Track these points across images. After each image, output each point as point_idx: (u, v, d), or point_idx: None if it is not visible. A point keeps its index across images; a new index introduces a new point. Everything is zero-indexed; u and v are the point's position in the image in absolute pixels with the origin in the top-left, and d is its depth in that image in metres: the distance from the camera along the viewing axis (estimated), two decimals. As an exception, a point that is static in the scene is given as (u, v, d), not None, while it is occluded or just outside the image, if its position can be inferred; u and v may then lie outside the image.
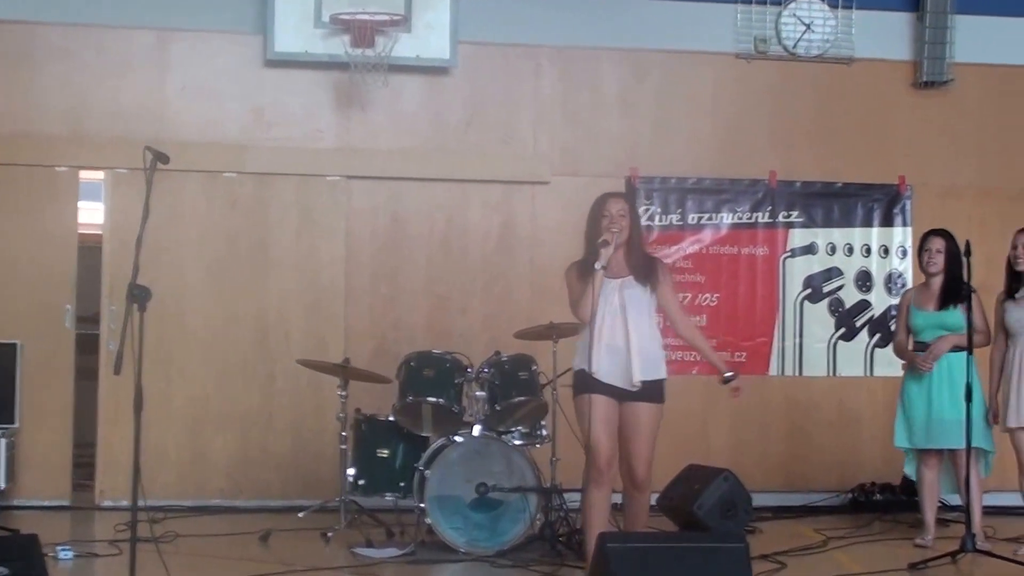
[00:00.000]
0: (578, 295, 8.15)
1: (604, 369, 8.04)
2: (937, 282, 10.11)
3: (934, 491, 10.24)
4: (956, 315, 9.88)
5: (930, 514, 10.20)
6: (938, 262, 10.07)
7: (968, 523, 9.42)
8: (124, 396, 8.34)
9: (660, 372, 8.19)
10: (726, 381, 8.41)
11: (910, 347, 10.27)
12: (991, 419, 10.02)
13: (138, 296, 6.98)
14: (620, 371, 8.05)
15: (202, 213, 11.87)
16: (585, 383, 8.11)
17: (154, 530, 8.44)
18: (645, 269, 8.24)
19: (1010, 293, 9.97)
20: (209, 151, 11.79)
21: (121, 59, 11.85)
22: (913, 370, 10.15)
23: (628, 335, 8.05)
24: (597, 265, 8.04)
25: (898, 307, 10.65)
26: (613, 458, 8.13)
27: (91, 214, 12.03)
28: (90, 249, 11.89)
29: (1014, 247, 9.92)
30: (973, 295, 9.82)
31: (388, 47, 11.49)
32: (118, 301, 10.69)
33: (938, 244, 10.11)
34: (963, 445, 9.48)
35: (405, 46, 11.64)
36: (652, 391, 8.13)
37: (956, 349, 9.86)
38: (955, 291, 9.91)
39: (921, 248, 10.25)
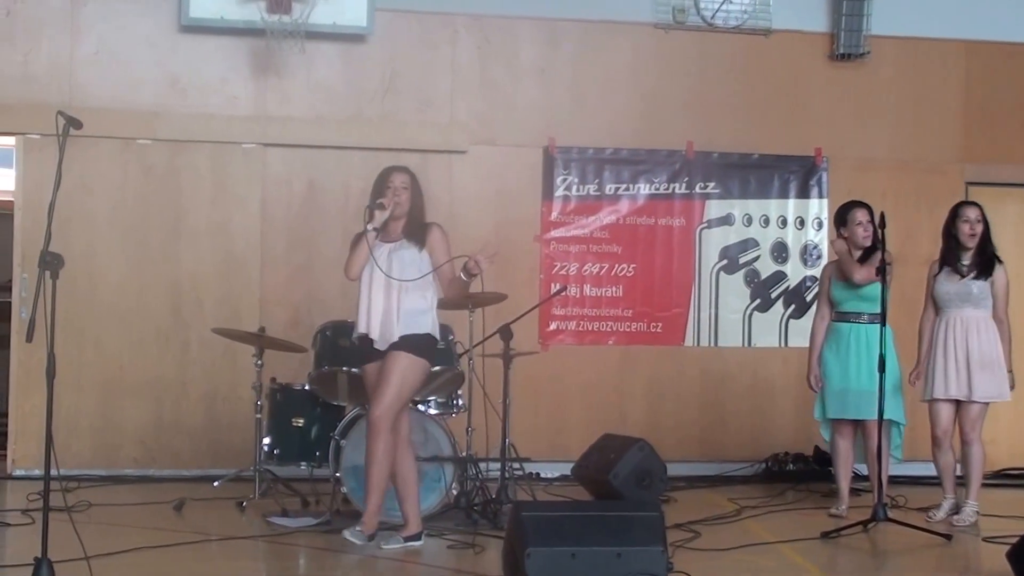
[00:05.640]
0: (349, 255, 8.62)
1: (374, 327, 8.47)
2: (857, 255, 10.19)
3: (848, 461, 10.36)
4: (875, 286, 9.98)
5: (844, 483, 10.32)
6: (871, 233, 10.13)
7: (880, 493, 9.55)
8: (36, 364, 8.31)
9: (421, 327, 8.51)
10: (470, 274, 8.40)
11: (831, 318, 10.36)
12: (912, 380, 10.19)
13: (50, 263, 6.96)
14: (384, 329, 8.47)
15: (116, 180, 11.80)
16: (366, 352, 8.60)
17: (67, 499, 8.44)
18: (418, 233, 8.61)
19: (944, 264, 10.07)
20: (123, 117, 11.72)
21: (32, 23, 11.72)
22: (830, 341, 10.27)
23: (392, 295, 8.47)
24: (370, 226, 8.46)
25: (820, 281, 10.66)
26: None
27: (2, 180, 11.95)
28: (1, 216, 11.80)
29: (966, 220, 9.99)
30: (888, 268, 9.97)
31: (305, 13, 11.47)
32: (30, 269, 10.64)
33: (868, 216, 10.18)
34: (874, 416, 9.64)
35: (322, 13, 11.61)
36: (409, 343, 8.46)
37: (871, 321, 10.01)
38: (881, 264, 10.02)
39: (848, 219, 10.30)
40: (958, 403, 9.94)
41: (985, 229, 10.00)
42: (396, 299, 8.43)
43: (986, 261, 9.95)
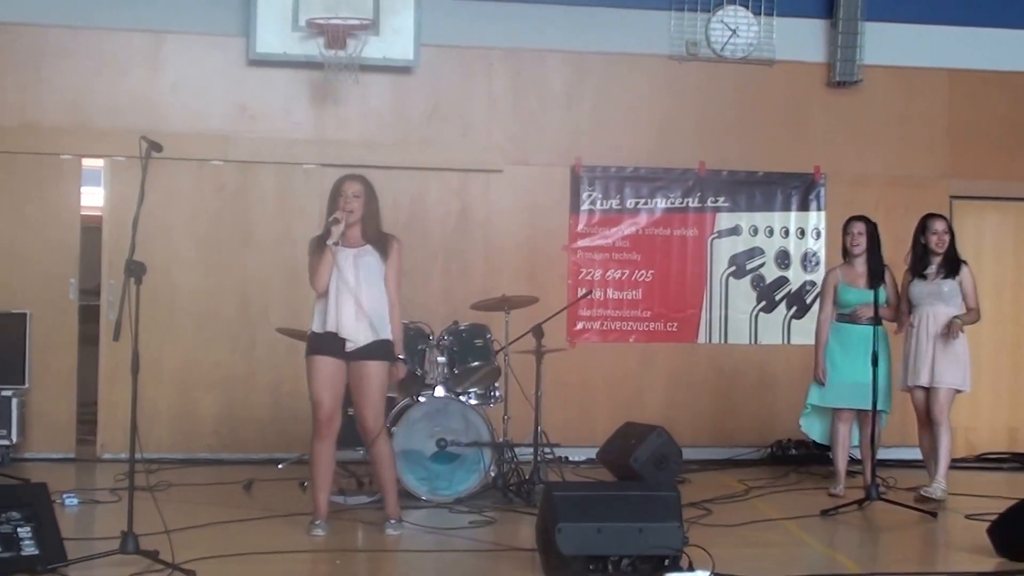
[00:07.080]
0: (314, 268, 8.27)
1: (345, 328, 8.14)
2: (860, 262, 10.24)
3: (847, 444, 10.32)
4: (883, 292, 10.03)
5: (842, 465, 10.29)
6: (861, 244, 10.19)
7: (873, 474, 9.57)
8: (122, 360, 8.34)
9: (384, 332, 8.24)
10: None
11: (834, 318, 10.37)
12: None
13: (134, 271, 7.06)
14: (355, 329, 8.14)
15: (191, 197, 11.88)
16: (315, 345, 8.25)
17: (149, 480, 8.53)
18: (380, 243, 8.35)
19: (914, 270, 10.12)
20: (197, 141, 11.80)
21: (118, 58, 11.84)
22: (839, 339, 10.28)
23: (359, 300, 8.16)
24: (329, 242, 8.18)
25: (823, 286, 10.61)
26: (334, 414, 8.27)
27: (92, 198, 12.01)
28: (92, 229, 11.89)
29: (934, 232, 10.03)
30: (888, 272, 10.05)
31: (358, 49, 11.53)
32: (117, 275, 10.67)
33: (860, 228, 10.25)
34: (879, 407, 9.65)
35: (373, 48, 11.67)
36: (377, 350, 8.22)
37: (876, 321, 10.06)
38: (880, 270, 10.05)
39: (845, 231, 10.37)
40: (929, 389, 9.98)
41: (951, 238, 10.07)
42: (365, 302, 8.16)
43: (952, 263, 10.02)
